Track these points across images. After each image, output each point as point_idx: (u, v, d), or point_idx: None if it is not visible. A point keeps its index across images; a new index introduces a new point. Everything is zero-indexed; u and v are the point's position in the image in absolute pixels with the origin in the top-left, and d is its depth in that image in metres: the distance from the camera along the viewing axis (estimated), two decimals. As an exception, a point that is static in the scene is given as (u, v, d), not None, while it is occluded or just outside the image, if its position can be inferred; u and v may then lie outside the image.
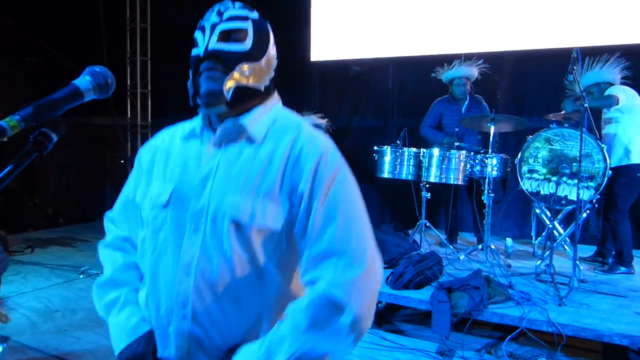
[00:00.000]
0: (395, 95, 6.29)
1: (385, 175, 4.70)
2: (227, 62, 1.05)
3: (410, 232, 4.89)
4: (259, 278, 1.04)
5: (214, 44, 1.06)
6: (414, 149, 4.65)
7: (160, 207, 1.09)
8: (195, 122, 1.15)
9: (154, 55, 8.29)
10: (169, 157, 1.15)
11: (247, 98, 1.08)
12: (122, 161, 11.00)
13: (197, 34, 1.10)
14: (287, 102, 1.20)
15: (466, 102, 4.93)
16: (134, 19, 8.13)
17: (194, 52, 1.09)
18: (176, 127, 1.20)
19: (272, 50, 1.13)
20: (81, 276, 4.87)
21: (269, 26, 1.15)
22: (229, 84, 1.05)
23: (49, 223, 9.25)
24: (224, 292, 1.04)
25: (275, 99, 1.16)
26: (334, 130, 4.85)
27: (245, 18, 1.09)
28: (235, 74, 1.06)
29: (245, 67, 1.07)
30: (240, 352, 1.04)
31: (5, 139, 0.80)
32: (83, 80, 0.94)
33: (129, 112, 8.60)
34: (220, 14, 1.09)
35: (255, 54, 1.08)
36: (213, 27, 1.07)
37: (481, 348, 3.27)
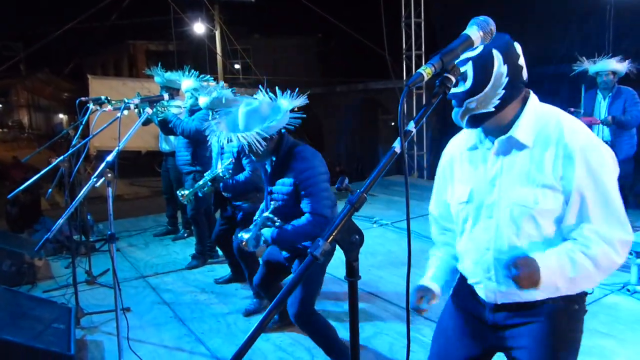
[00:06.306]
0: None
1: None
2: (458, 103, 1.35)
3: None
4: (545, 244, 1.35)
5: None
6: None
7: (464, 203, 1.48)
8: (473, 135, 1.47)
9: (427, 17, 8.44)
10: (462, 165, 1.51)
11: (485, 117, 1.35)
12: (393, 124, 11.54)
13: None
14: (575, 47, 1.16)
15: None
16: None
17: None
18: (459, 138, 1.55)
19: (502, 69, 1.30)
20: (374, 225, 5.45)
21: (495, 53, 1.29)
22: (463, 117, 1.36)
23: (335, 182, 10.43)
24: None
25: (531, 101, 1.38)
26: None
27: (466, 60, 1.29)
28: (463, 110, 1.35)
29: (471, 101, 1.33)
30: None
31: (422, 84, 0.97)
32: (471, 30, 1.06)
33: (404, 74, 9.01)
34: None
35: (477, 89, 1.31)
36: None
37: None
